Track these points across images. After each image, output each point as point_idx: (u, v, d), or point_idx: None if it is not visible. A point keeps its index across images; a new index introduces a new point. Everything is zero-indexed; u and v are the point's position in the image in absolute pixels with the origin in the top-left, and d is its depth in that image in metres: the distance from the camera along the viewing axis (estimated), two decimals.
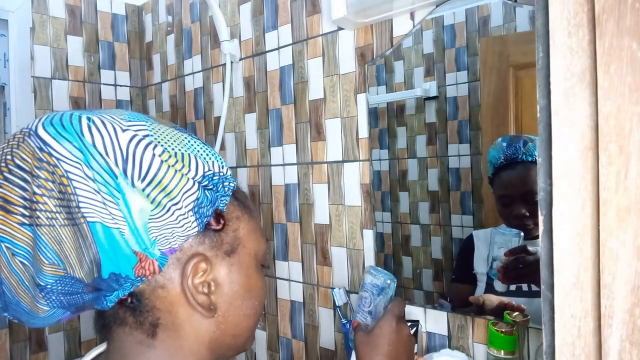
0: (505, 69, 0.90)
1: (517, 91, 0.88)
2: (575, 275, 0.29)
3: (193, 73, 1.58)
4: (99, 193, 0.35)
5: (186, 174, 0.39)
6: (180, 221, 0.38)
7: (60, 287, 0.36)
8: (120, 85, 1.75)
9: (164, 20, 1.70)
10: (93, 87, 1.67)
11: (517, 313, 0.85)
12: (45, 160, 0.35)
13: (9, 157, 0.36)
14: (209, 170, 0.41)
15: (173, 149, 0.39)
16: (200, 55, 1.54)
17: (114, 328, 0.42)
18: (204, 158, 0.41)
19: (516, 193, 0.88)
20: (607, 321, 0.28)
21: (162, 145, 0.38)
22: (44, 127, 0.36)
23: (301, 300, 1.27)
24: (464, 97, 0.95)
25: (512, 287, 0.90)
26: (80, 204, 0.35)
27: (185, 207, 0.38)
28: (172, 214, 0.38)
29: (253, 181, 1.39)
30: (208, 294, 0.41)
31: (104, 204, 0.35)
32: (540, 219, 0.32)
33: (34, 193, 0.35)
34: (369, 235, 1.11)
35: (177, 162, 0.38)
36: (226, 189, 0.43)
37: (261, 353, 1.39)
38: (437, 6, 0.95)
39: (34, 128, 0.37)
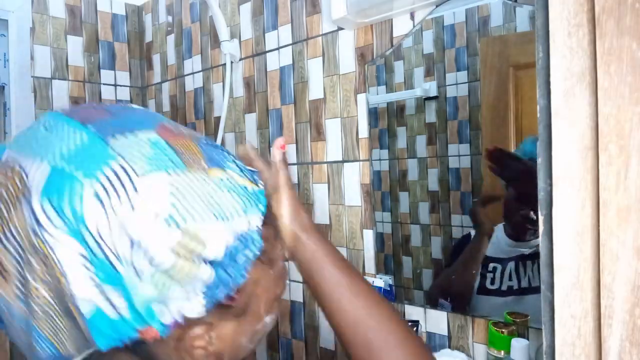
0: (505, 69, 0.90)
1: (517, 91, 0.88)
2: (575, 275, 0.29)
3: (193, 73, 1.58)
4: (98, 285, 0.31)
5: (200, 259, 0.33)
6: (186, 301, 0.34)
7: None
8: (120, 85, 1.75)
9: (164, 20, 1.70)
10: (93, 87, 1.67)
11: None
12: (39, 248, 0.31)
13: (5, 211, 0.32)
14: (234, 236, 0.35)
15: (194, 226, 0.32)
16: (200, 55, 1.54)
17: (110, 356, 0.39)
18: (232, 217, 0.34)
19: (521, 180, 0.89)
20: (607, 321, 0.28)
21: (180, 226, 0.32)
22: (38, 195, 0.31)
23: (301, 300, 1.27)
24: (464, 97, 0.95)
25: (503, 287, 0.92)
26: (77, 299, 0.31)
27: (195, 290, 0.34)
28: (180, 294, 0.33)
29: None
30: (205, 347, 0.38)
31: (104, 295, 0.32)
32: (541, 219, 0.32)
33: (29, 278, 0.31)
34: (369, 235, 1.11)
35: (194, 245, 0.32)
36: (250, 256, 0.36)
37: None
38: (437, 6, 0.95)
39: (29, 188, 0.31)
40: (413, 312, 1.04)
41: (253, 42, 1.36)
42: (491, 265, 0.93)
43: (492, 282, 0.93)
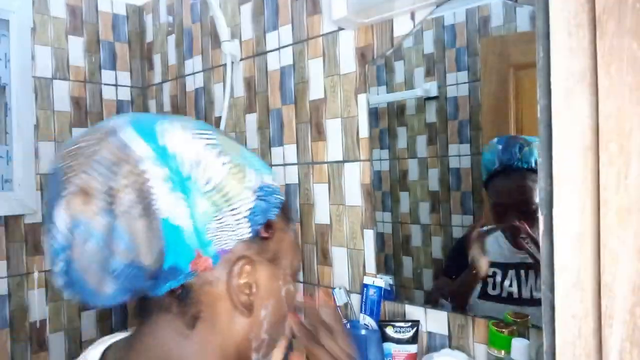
0: (505, 69, 0.90)
1: (517, 91, 0.88)
2: (576, 275, 0.29)
3: (194, 73, 1.58)
4: (171, 192, 0.39)
5: (245, 184, 0.43)
6: (235, 226, 0.42)
7: (127, 272, 0.40)
8: (121, 86, 1.76)
9: (164, 20, 1.70)
10: (94, 87, 1.67)
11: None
12: (126, 159, 0.39)
13: (96, 148, 0.40)
14: (263, 182, 0.45)
15: (236, 160, 0.44)
16: (201, 55, 1.54)
17: (155, 313, 0.45)
18: (259, 170, 0.46)
19: (510, 202, 0.87)
20: (608, 321, 0.28)
21: (227, 155, 0.43)
22: (124, 129, 0.41)
23: (302, 300, 1.27)
24: (465, 97, 0.95)
25: (504, 294, 0.91)
26: (155, 201, 0.39)
27: (242, 213, 0.43)
28: (230, 218, 0.42)
29: None
30: (249, 294, 0.45)
31: (175, 202, 0.39)
32: (541, 219, 0.32)
33: (115, 187, 0.38)
34: (369, 235, 1.11)
35: (238, 172, 0.43)
36: (276, 201, 0.47)
37: None
38: (437, 6, 0.95)
39: (115, 129, 0.41)
40: (413, 311, 1.04)
41: (254, 42, 1.36)
42: (491, 269, 0.93)
43: (494, 288, 0.92)
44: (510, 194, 0.87)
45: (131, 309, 1.74)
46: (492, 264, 0.93)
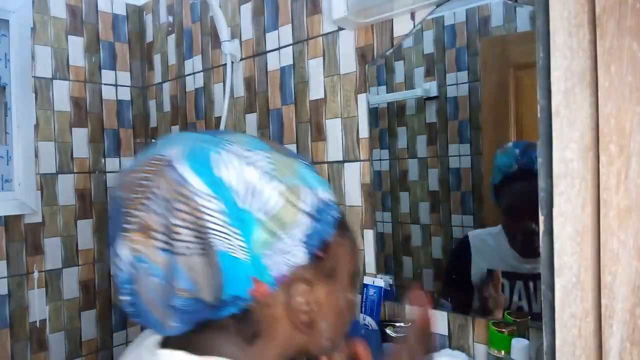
0: (505, 69, 0.90)
1: (517, 91, 0.88)
2: (576, 275, 0.29)
3: (194, 73, 1.58)
4: (227, 226, 0.40)
5: (300, 208, 0.43)
6: (291, 251, 0.43)
7: (188, 308, 0.41)
8: (121, 86, 1.76)
9: (164, 20, 1.70)
10: (94, 87, 1.67)
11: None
12: (183, 194, 0.39)
13: (154, 182, 0.40)
14: (318, 200, 0.45)
15: (290, 182, 0.43)
16: (201, 55, 1.54)
17: (212, 331, 0.45)
18: (314, 187, 0.45)
19: (526, 206, 0.82)
20: (608, 321, 0.28)
21: (281, 181, 0.43)
22: (180, 162, 0.41)
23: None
24: (465, 97, 0.95)
25: (512, 309, 0.87)
26: (212, 237, 0.39)
27: (298, 239, 0.43)
28: (286, 244, 0.42)
29: None
30: (309, 312, 0.45)
31: (230, 235, 0.40)
32: (541, 219, 0.32)
33: (174, 224, 0.39)
34: (369, 235, 1.11)
35: (293, 195, 0.43)
36: (332, 219, 0.47)
37: None
38: (437, 6, 0.95)
39: (171, 160, 0.41)
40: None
41: (254, 42, 1.36)
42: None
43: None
44: (527, 197, 0.81)
45: None
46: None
